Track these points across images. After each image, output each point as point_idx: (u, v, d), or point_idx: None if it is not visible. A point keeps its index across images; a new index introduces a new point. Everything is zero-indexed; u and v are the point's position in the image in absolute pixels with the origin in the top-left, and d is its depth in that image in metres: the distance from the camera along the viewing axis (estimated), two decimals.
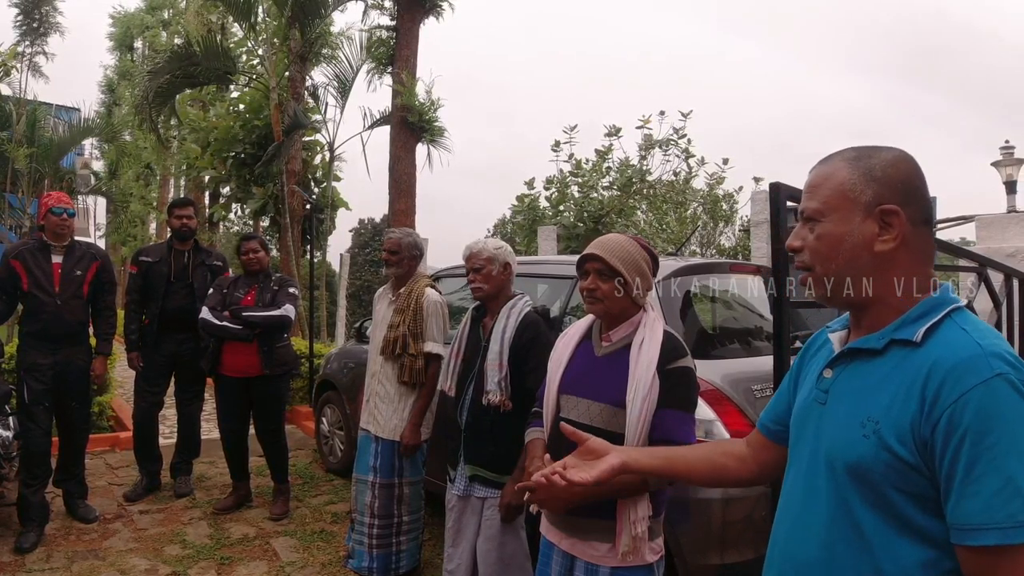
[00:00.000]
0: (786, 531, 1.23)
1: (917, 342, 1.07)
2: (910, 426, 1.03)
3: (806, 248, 1.18)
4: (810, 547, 1.15)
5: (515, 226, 10.96)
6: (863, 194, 1.12)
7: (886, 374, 1.09)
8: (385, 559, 3.48)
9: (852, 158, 1.16)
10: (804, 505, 1.18)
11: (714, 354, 3.22)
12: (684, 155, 9.47)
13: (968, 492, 0.96)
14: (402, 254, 3.60)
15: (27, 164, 12.30)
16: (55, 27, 17.88)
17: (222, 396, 4.50)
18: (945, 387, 1.00)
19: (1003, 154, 11.50)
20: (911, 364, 1.06)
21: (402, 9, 9.47)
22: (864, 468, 1.07)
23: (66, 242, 4.10)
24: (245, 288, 4.39)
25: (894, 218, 1.11)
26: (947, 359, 1.02)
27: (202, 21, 14.72)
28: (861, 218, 1.12)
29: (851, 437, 1.09)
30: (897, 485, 1.04)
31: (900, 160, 1.15)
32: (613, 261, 1.97)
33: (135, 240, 21.93)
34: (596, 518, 1.90)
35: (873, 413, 1.08)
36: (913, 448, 1.02)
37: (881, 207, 1.11)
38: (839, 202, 1.14)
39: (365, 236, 30.91)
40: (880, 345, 1.12)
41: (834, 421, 1.15)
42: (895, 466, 1.03)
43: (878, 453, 1.05)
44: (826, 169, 1.18)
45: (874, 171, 1.13)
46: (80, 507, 4.28)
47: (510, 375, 2.71)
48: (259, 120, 10.11)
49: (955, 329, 1.07)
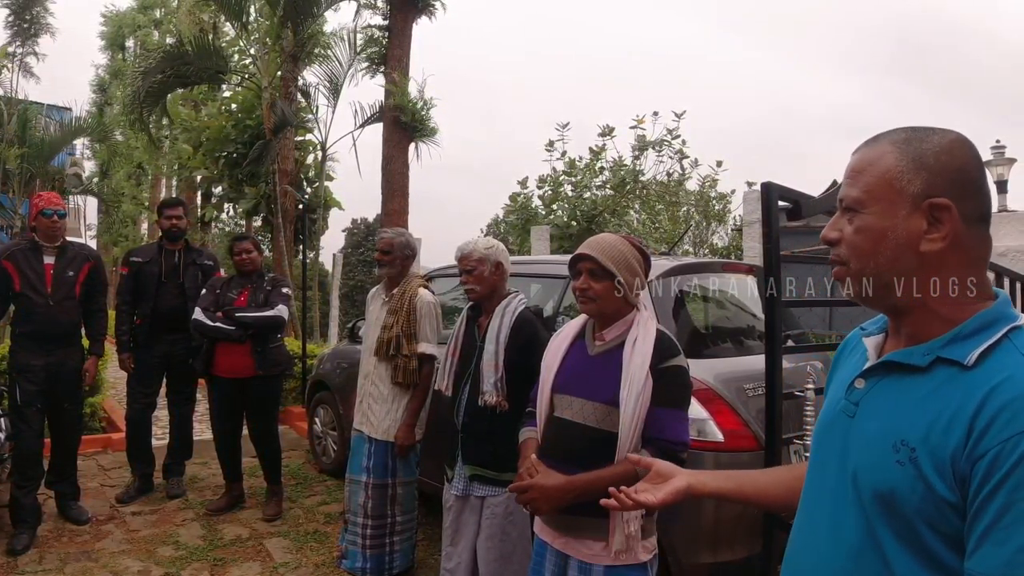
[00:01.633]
0: (808, 554, 1.11)
1: (969, 366, 0.94)
2: (951, 458, 0.90)
3: (843, 241, 1.05)
4: (824, 571, 1.06)
5: (508, 225, 10.96)
6: (911, 184, 0.99)
7: (927, 395, 0.96)
8: (379, 559, 3.47)
9: (902, 140, 1.01)
10: (831, 531, 1.06)
11: (707, 353, 3.23)
12: (678, 156, 9.49)
13: (992, 539, 0.86)
14: (395, 254, 3.59)
15: (18, 164, 12.24)
16: (46, 28, 17.81)
17: (215, 397, 4.48)
18: (999, 421, 0.87)
19: (993, 154, 11.56)
20: (959, 388, 0.93)
21: (395, 9, 9.47)
22: (896, 498, 0.95)
23: (58, 243, 4.08)
24: (238, 289, 4.38)
25: (945, 214, 0.97)
26: (1007, 390, 0.89)
27: (194, 20, 14.67)
28: (907, 211, 0.99)
29: (882, 461, 0.97)
30: (930, 521, 0.92)
31: (956, 146, 1.00)
32: (605, 261, 1.97)
33: (126, 240, 21.84)
34: (589, 516, 1.91)
35: (908, 438, 0.95)
36: (953, 484, 0.90)
37: (931, 200, 0.97)
38: (883, 192, 1.00)
39: (358, 236, 30.87)
40: (925, 363, 0.98)
41: (863, 439, 1.02)
42: (930, 500, 0.92)
43: (914, 484, 0.93)
44: (871, 153, 1.03)
45: (926, 157, 0.99)
46: (73, 508, 4.26)
47: (507, 375, 2.70)
48: (251, 120, 10.09)
49: (1015, 354, 0.93)
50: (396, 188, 9.27)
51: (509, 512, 2.64)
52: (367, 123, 10.34)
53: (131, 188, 22.44)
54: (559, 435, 2.02)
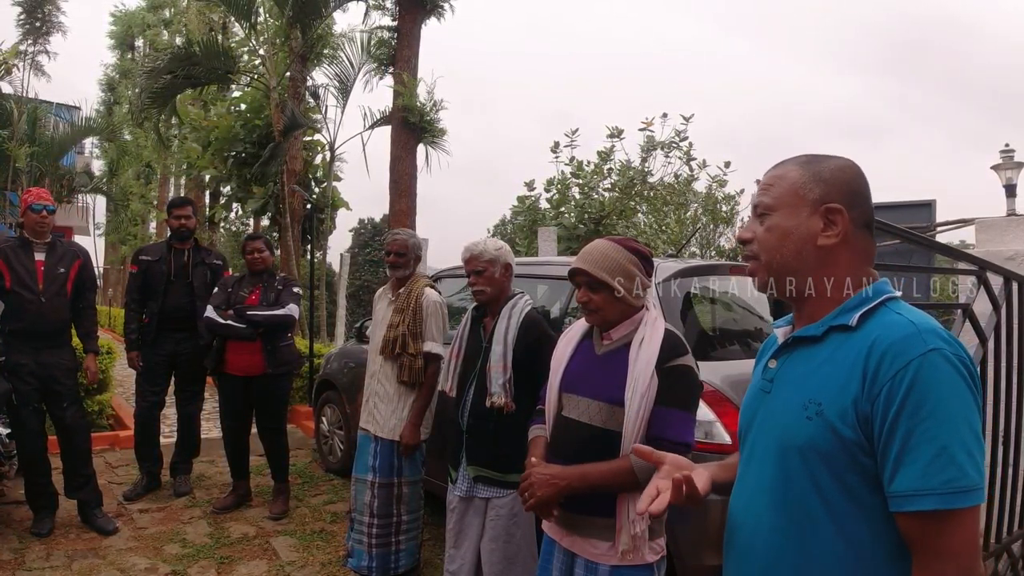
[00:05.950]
0: (739, 517, 1.28)
1: (853, 326, 1.14)
2: (852, 404, 1.08)
3: (756, 239, 1.26)
4: (762, 530, 1.20)
5: (515, 227, 10.98)
6: (811, 192, 1.20)
7: (825, 358, 1.16)
8: (384, 558, 3.48)
9: (804, 162, 1.24)
10: (753, 492, 1.23)
11: (714, 355, 3.22)
12: (686, 158, 9.49)
13: (906, 460, 1.02)
14: (409, 255, 3.61)
15: (27, 162, 12.32)
16: (58, 26, 17.91)
17: (224, 394, 4.51)
18: (884, 363, 1.06)
19: (1003, 157, 11.49)
20: (849, 346, 1.13)
21: (403, 10, 9.48)
22: (809, 449, 1.12)
23: (47, 239, 4.02)
24: (249, 287, 4.41)
25: (838, 216, 1.19)
26: (885, 338, 1.08)
27: (203, 20, 14.74)
28: (808, 213, 1.20)
29: (795, 420, 1.15)
30: (842, 464, 1.09)
31: (847, 166, 1.23)
32: (598, 272, 1.96)
33: (134, 239, 21.94)
34: (595, 516, 1.91)
35: (815, 395, 1.13)
36: (855, 426, 1.07)
37: (827, 205, 1.19)
38: (789, 198, 1.22)
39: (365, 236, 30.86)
40: (820, 332, 1.18)
41: (779, 407, 1.21)
42: (838, 445, 1.09)
43: (823, 434, 1.10)
44: (779, 171, 1.26)
45: (823, 173, 1.21)
46: (99, 518, 4.12)
47: (514, 376, 2.70)
48: (260, 120, 10.11)
49: (890, 313, 1.14)
50: (403, 189, 9.28)
51: (514, 513, 2.64)
52: (376, 125, 10.35)
53: (139, 187, 22.55)
54: (566, 434, 2.02)
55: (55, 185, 14.24)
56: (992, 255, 4.08)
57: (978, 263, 2.83)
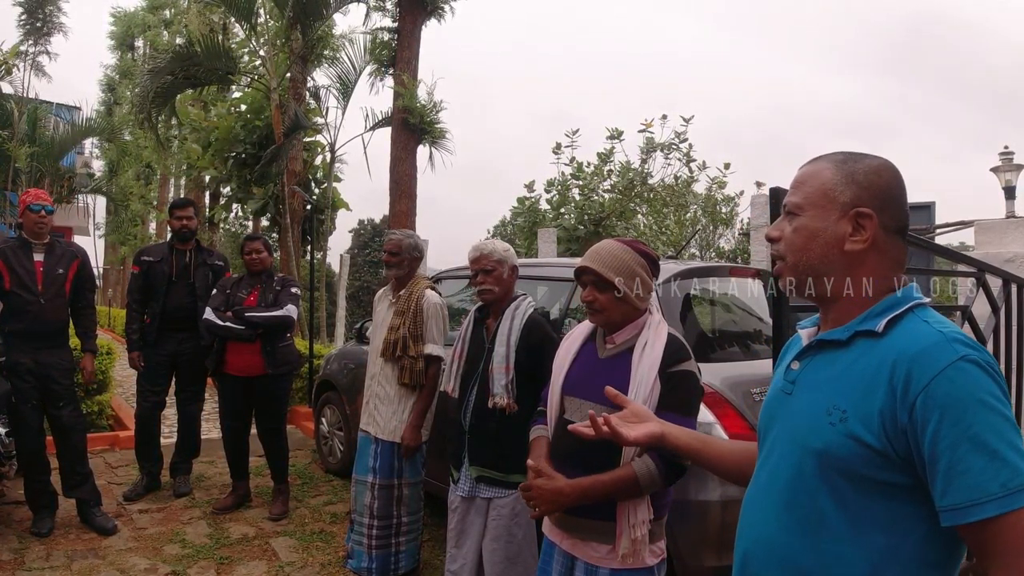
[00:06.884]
0: (750, 514, 1.27)
1: (879, 332, 1.12)
2: (878, 413, 1.06)
3: (783, 239, 1.23)
4: (771, 529, 1.20)
5: (516, 228, 10.98)
6: (842, 194, 1.17)
7: (850, 364, 1.13)
8: (384, 560, 3.49)
9: (839, 160, 1.20)
10: (767, 491, 1.22)
11: (714, 357, 3.23)
12: (685, 159, 9.50)
13: (958, 472, 0.99)
14: (403, 255, 3.60)
15: (28, 163, 12.32)
16: (58, 27, 17.92)
17: (224, 395, 4.51)
18: (915, 373, 1.03)
19: (1002, 159, 11.47)
20: (875, 354, 1.10)
21: (404, 11, 9.50)
22: (830, 455, 1.10)
23: (45, 240, 4.03)
24: (248, 288, 4.41)
25: (867, 221, 1.15)
26: (911, 347, 1.06)
27: (204, 21, 14.74)
28: (837, 217, 1.17)
29: (817, 424, 1.13)
30: (861, 472, 1.07)
31: (883, 168, 1.19)
32: (606, 272, 1.96)
33: (135, 239, 21.95)
34: (596, 519, 1.91)
35: (839, 402, 1.11)
36: (881, 434, 1.05)
37: (857, 209, 1.16)
38: (819, 199, 1.18)
39: (365, 237, 30.89)
40: (845, 336, 1.16)
41: (801, 410, 1.19)
42: (860, 453, 1.07)
43: (845, 440, 1.08)
44: (813, 168, 1.22)
45: (856, 175, 1.17)
46: (98, 517, 4.13)
47: (516, 377, 2.70)
48: (260, 120, 10.12)
49: (916, 321, 1.12)
50: (403, 190, 9.29)
51: (516, 513, 2.64)
52: (377, 126, 10.36)
53: (139, 188, 22.55)
54: (567, 438, 2.02)
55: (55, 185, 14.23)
56: (991, 257, 4.09)
57: (977, 265, 2.84)
